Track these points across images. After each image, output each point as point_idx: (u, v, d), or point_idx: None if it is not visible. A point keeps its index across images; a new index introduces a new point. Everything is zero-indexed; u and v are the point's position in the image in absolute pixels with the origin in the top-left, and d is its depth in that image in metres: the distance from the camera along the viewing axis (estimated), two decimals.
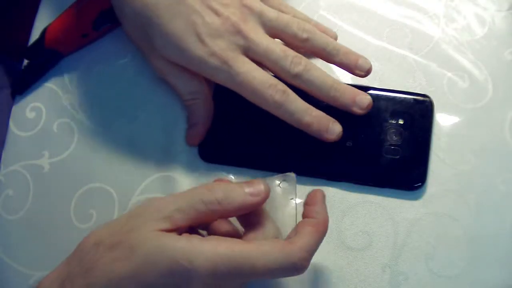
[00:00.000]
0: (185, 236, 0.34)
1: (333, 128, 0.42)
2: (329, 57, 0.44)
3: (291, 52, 0.42)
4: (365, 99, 0.42)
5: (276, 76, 0.42)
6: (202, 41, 0.41)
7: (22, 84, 0.50)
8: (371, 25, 0.47)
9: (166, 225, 0.34)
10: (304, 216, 0.37)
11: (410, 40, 0.46)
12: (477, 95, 0.44)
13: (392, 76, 0.45)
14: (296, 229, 0.36)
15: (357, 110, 0.42)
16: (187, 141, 0.46)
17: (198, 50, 0.41)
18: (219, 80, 0.42)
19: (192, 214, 0.35)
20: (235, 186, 0.36)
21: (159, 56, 0.43)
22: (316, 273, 0.41)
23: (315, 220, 0.36)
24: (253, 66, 0.42)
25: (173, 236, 0.34)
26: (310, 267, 0.41)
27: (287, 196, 0.38)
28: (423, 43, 0.46)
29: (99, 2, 0.47)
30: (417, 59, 0.46)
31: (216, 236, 0.35)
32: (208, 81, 0.44)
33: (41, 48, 0.49)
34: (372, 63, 0.45)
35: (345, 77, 0.46)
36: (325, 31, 0.45)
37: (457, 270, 0.40)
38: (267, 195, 0.36)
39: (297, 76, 0.42)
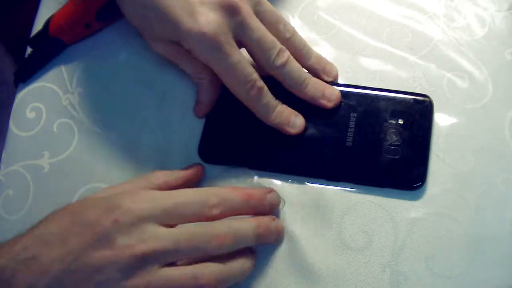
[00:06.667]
0: None
1: (295, 122, 0.43)
2: (302, 59, 0.45)
3: (278, 44, 0.43)
4: (333, 92, 0.44)
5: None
6: (196, 19, 0.40)
7: (25, 72, 0.50)
8: (371, 26, 0.47)
9: None
10: None
11: (410, 41, 0.46)
12: (477, 95, 0.44)
13: (392, 76, 0.45)
14: None
15: (325, 103, 0.44)
16: (194, 112, 0.46)
17: (191, 28, 0.41)
18: (206, 60, 0.42)
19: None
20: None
21: (159, 39, 0.43)
22: (316, 273, 0.41)
23: None
24: (239, 56, 0.42)
25: None
26: (310, 267, 0.41)
27: None
28: (423, 43, 0.46)
29: None
30: (417, 59, 0.46)
31: None
32: None
33: (45, 36, 0.49)
34: (372, 63, 0.45)
35: (343, 78, 0.46)
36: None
37: (457, 270, 0.40)
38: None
39: (279, 67, 0.43)
